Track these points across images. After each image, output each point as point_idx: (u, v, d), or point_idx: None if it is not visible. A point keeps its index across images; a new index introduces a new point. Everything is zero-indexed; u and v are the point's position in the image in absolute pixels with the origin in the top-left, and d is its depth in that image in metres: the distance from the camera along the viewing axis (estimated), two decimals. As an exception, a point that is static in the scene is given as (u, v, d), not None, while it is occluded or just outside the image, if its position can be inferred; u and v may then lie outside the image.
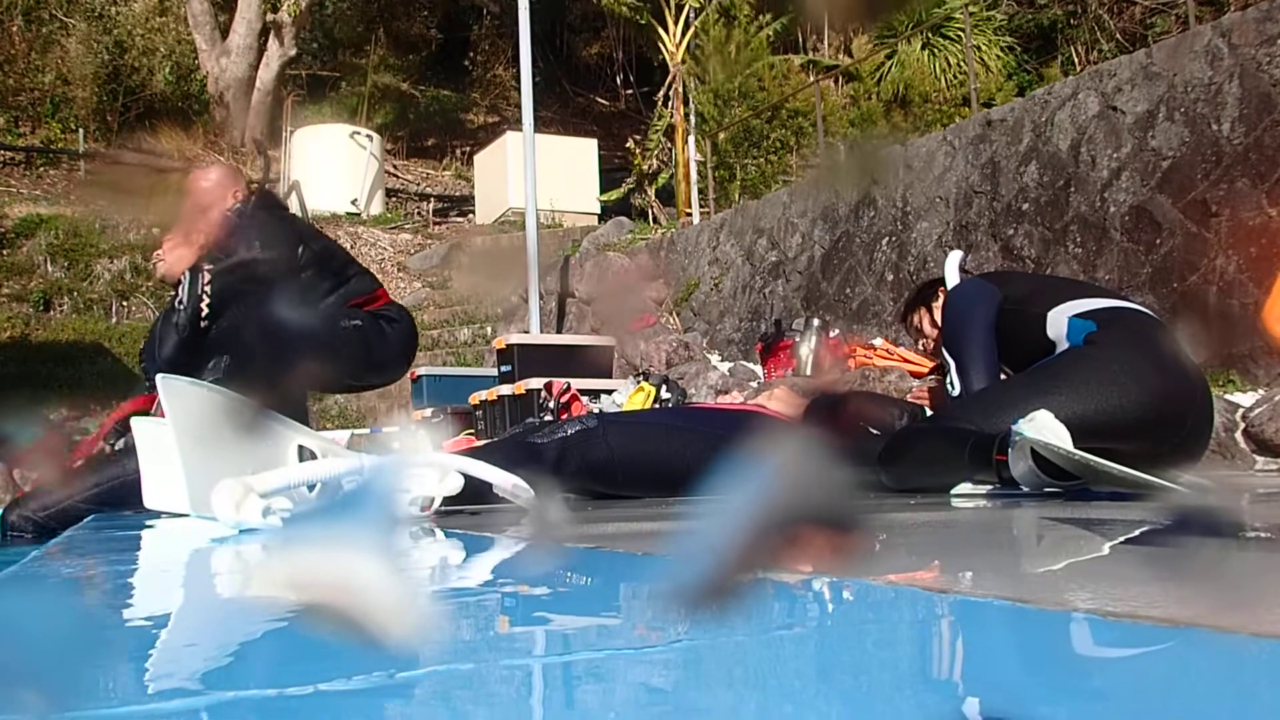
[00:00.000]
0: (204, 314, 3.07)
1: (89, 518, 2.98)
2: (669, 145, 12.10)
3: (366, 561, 0.44)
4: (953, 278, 2.91)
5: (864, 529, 0.43)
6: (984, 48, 11.25)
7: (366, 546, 0.45)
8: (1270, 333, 1.68)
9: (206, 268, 3.15)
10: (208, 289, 3.09)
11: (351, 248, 12.52)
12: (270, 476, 1.85)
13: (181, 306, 3.06)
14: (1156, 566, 1.08)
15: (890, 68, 12.09)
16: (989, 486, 2.31)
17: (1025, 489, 2.16)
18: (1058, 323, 2.52)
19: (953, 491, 2.40)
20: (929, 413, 2.99)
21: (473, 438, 6.58)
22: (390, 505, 0.52)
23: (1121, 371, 2.34)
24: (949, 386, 2.70)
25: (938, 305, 3.01)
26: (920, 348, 3.29)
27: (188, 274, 3.13)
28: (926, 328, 3.07)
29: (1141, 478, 1.88)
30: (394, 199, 15.12)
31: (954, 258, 3.02)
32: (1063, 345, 2.50)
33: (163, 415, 2.52)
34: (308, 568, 0.44)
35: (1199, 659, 0.59)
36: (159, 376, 2.03)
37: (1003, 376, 2.74)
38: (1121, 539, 1.35)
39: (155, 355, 3.18)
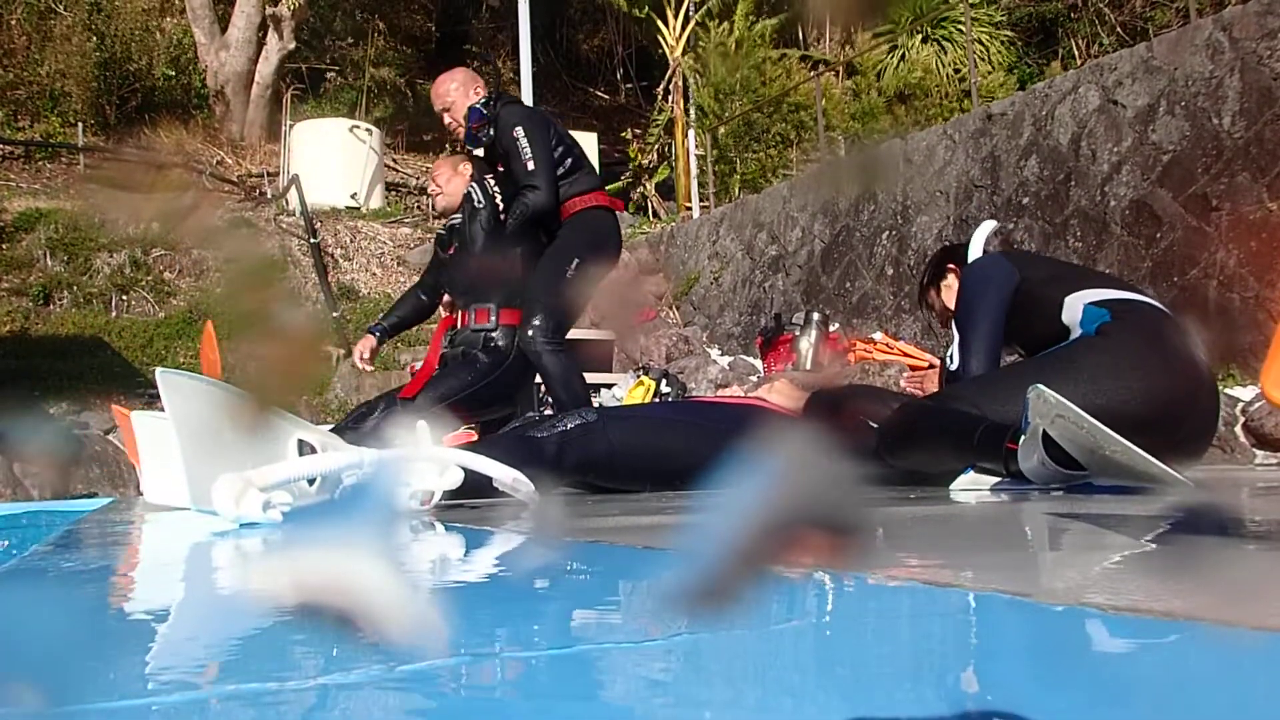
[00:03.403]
0: (501, 209, 3.58)
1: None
2: (668, 139, 12.08)
3: (366, 556, 0.44)
4: (977, 250, 2.89)
5: (865, 524, 0.43)
6: (984, 41, 11.23)
7: (366, 541, 0.45)
8: (1268, 397, 1.69)
9: (488, 176, 3.66)
10: (496, 189, 3.60)
11: (351, 241, 12.51)
12: (270, 471, 1.85)
13: (480, 206, 3.58)
14: (1157, 560, 1.08)
15: (891, 62, 12.07)
16: (994, 480, 2.31)
17: (1030, 481, 2.15)
18: (1073, 308, 2.50)
19: (953, 486, 2.39)
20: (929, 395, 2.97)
21: (473, 432, 6.57)
22: (390, 499, 0.52)
23: (1131, 364, 2.33)
24: (949, 360, 2.70)
25: (946, 285, 2.99)
26: (938, 322, 3.26)
27: (474, 185, 3.65)
28: (938, 307, 3.05)
29: (1147, 458, 1.87)
30: (393, 193, 15.08)
31: (985, 229, 2.99)
32: (1076, 331, 2.49)
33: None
34: (308, 563, 0.44)
35: (1200, 653, 0.59)
36: (159, 372, 2.03)
37: (1014, 358, 2.73)
38: (1122, 533, 1.35)
39: (454, 265, 3.72)
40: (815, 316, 6.71)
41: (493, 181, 3.63)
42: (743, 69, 11.53)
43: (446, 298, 3.90)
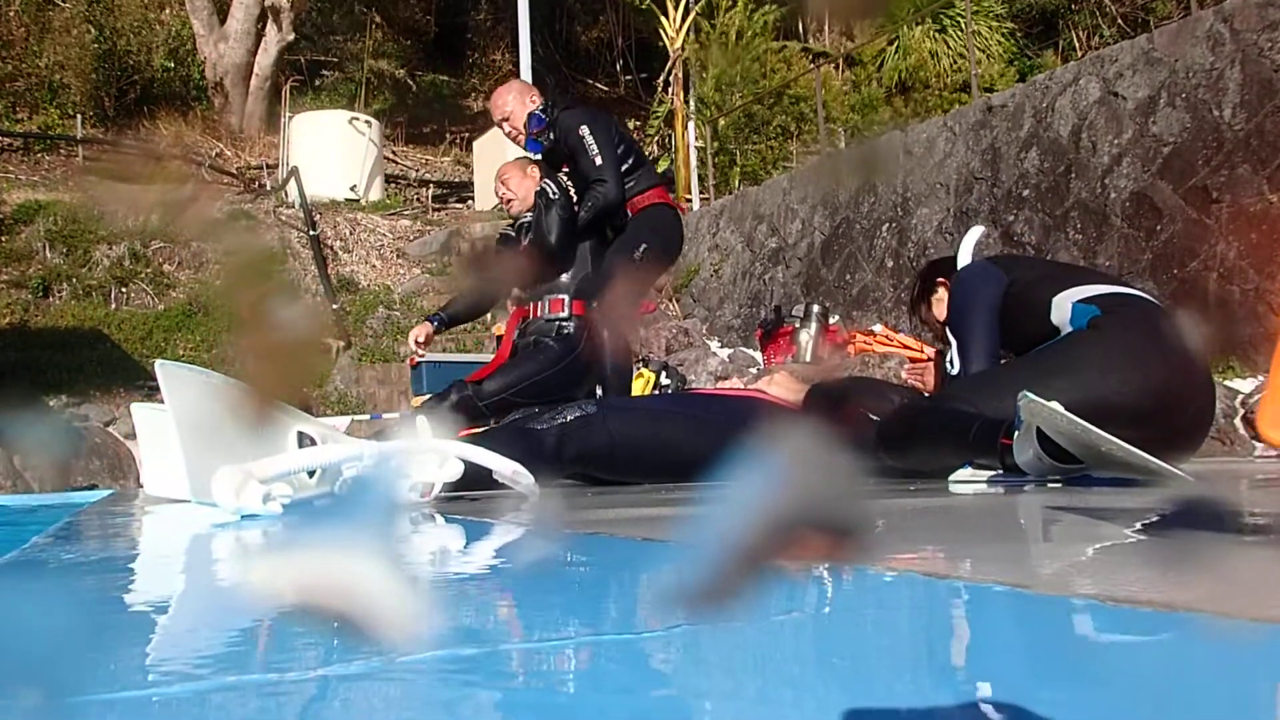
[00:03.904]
0: (575, 201, 3.70)
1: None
2: (669, 131, 12.06)
3: (366, 549, 0.44)
4: (967, 256, 2.90)
5: (865, 517, 0.43)
6: (985, 33, 11.20)
7: (366, 534, 0.45)
8: (1266, 439, 1.72)
9: (559, 175, 3.77)
10: (569, 184, 3.72)
11: (350, 234, 12.49)
12: (270, 463, 1.85)
13: (555, 198, 3.67)
14: (1156, 552, 1.08)
15: (891, 54, 12.05)
16: (990, 473, 2.31)
17: (1028, 475, 2.15)
18: (1062, 307, 2.51)
19: (951, 478, 2.40)
20: (926, 395, 2.99)
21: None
22: (390, 492, 0.52)
23: (1123, 356, 2.34)
24: (949, 365, 2.71)
25: (937, 298, 3.00)
26: (931, 336, 3.28)
27: (546, 181, 3.73)
28: (930, 321, 3.06)
29: (1144, 456, 1.88)
30: (393, 185, 15.07)
31: (973, 235, 3.01)
32: (1066, 330, 2.50)
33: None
34: (308, 555, 0.44)
35: (1198, 644, 0.59)
36: (158, 364, 2.03)
37: (1003, 360, 2.74)
38: (1121, 525, 1.35)
39: (543, 248, 3.79)
40: (815, 309, 6.70)
41: (566, 180, 3.75)
42: (743, 61, 11.51)
43: (516, 290, 3.98)
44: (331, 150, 13.43)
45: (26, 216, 10.91)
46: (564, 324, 3.70)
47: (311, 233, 11.71)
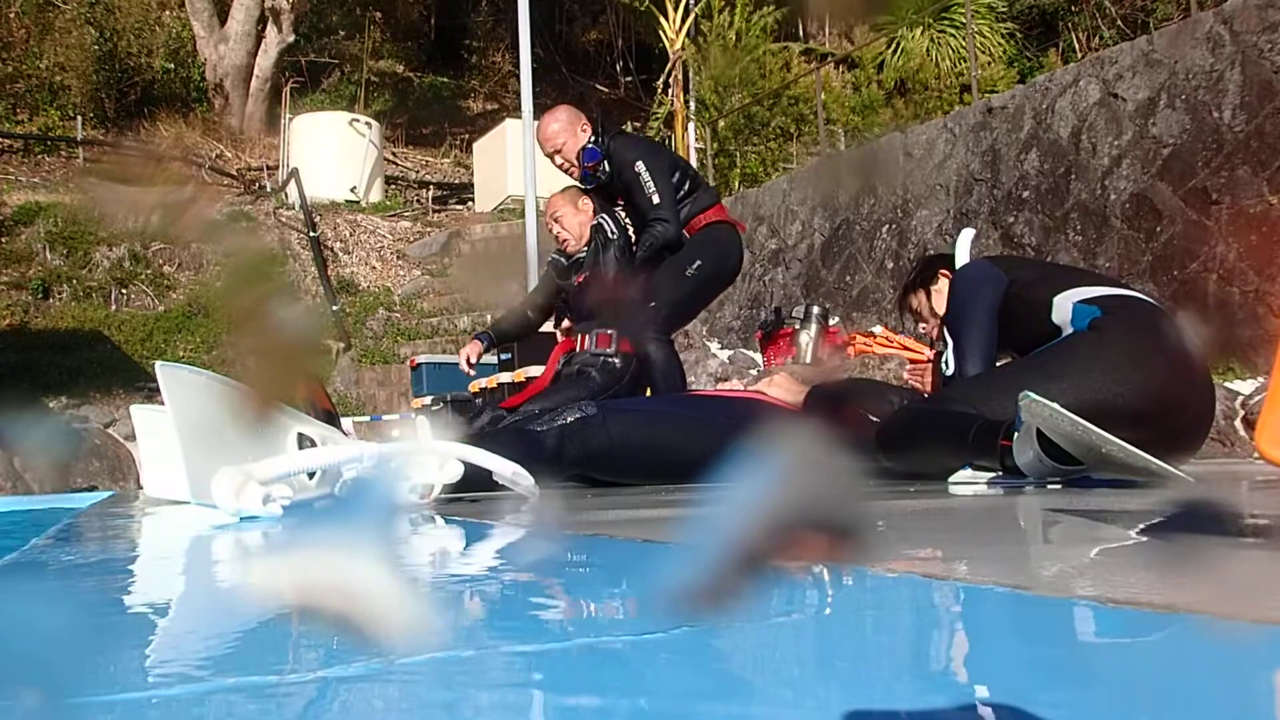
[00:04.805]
0: (632, 241, 3.68)
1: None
2: (668, 133, 12.07)
3: (366, 551, 0.44)
4: (963, 257, 2.89)
5: (866, 519, 0.43)
6: (985, 34, 11.20)
7: (366, 535, 0.45)
8: (1264, 455, 1.73)
9: (615, 209, 3.74)
10: (627, 221, 3.71)
11: (350, 235, 12.50)
12: (270, 464, 1.85)
13: (614, 238, 3.67)
14: (1156, 554, 1.08)
15: (892, 56, 12.06)
16: (990, 474, 2.31)
17: (1027, 477, 2.15)
18: (1063, 308, 2.51)
19: (951, 480, 2.40)
20: (926, 397, 2.98)
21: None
22: (390, 493, 0.52)
23: (1124, 357, 2.34)
24: (944, 365, 2.70)
25: (937, 289, 2.99)
26: (919, 331, 3.27)
27: (604, 217, 3.70)
28: (925, 312, 3.05)
29: (1145, 457, 1.88)
30: (393, 186, 15.07)
31: (967, 236, 3.00)
32: (1067, 330, 2.49)
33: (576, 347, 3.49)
34: (309, 557, 0.44)
35: (1199, 645, 0.59)
36: (158, 365, 2.03)
37: (1004, 360, 2.73)
38: (1121, 527, 1.35)
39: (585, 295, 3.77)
40: (815, 310, 6.69)
41: (624, 216, 3.71)
42: (742, 62, 11.51)
43: (566, 323, 3.96)
44: (331, 152, 13.44)
45: (27, 218, 10.91)
46: (610, 358, 3.65)
47: (311, 234, 11.72)
